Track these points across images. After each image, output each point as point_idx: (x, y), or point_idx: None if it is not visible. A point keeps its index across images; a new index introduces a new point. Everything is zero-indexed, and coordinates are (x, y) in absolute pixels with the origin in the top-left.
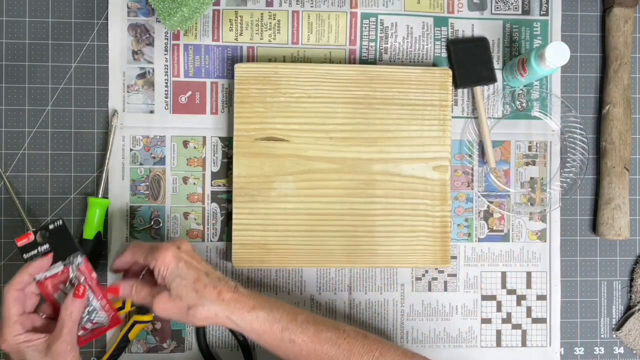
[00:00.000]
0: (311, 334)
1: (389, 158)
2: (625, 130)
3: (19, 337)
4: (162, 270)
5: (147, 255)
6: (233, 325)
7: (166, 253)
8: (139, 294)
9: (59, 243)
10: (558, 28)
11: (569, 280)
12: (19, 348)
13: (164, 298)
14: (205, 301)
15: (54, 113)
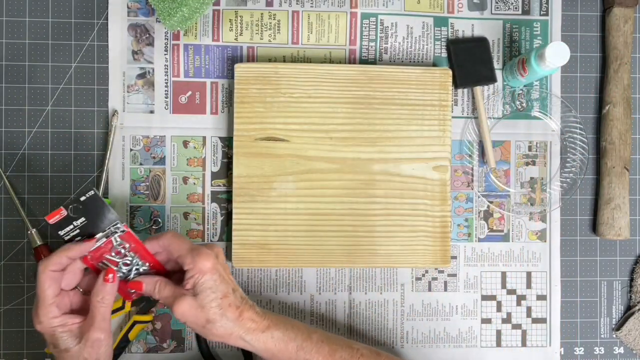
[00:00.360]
0: (326, 354)
1: (389, 158)
2: (625, 130)
3: (54, 320)
4: (197, 277)
5: (186, 255)
6: (245, 345)
7: (207, 261)
8: (161, 292)
9: (95, 214)
10: (558, 28)
11: (569, 280)
12: (53, 331)
13: (187, 304)
14: (225, 320)
15: (54, 113)
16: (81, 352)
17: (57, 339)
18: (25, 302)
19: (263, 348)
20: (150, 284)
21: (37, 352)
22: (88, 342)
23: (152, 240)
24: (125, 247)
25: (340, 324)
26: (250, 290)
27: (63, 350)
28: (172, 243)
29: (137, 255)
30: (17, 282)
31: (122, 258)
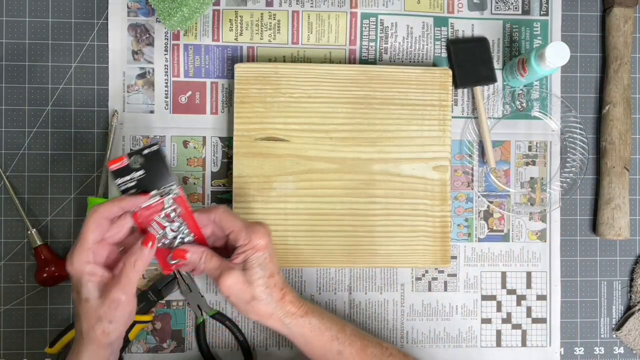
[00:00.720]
0: (358, 348)
1: (389, 158)
2: (625, 130)
3: (86, 266)
4: (250, 252)
5: (240, 231)
6: (283, 328)
7: (262, 239)
8: (207, 263)
9: (154, 170)
10: (558, 28)
11: (569, 280)
12: (81, 277)
13: (235, 277)
14: (269, 299)
15: (54, 113)
16: (99, 307)
17: (81, 286)
18: (25, 302)
19: (299, 333)
20: (196, 253)
21: (37, 352)
22: (107, 299)
23: (203, 212)
24: (176, 211)
25: None
26: None
27: (83, 300)
28: (225, 218)
29: (185, 224)
30: (17, 282)
31: (170, 223)
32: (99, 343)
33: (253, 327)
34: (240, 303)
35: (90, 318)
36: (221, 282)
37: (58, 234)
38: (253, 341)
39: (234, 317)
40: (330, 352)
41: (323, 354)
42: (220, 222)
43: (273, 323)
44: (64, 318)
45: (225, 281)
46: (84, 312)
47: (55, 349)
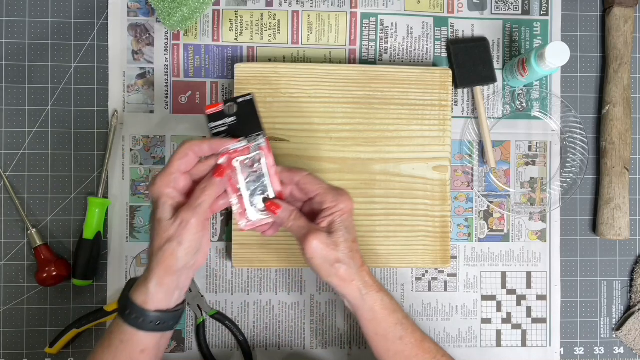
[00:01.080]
0: (418, 338)
1: (389, 158)
2: (625, 130)
3: (165, 189)
4: (338, 215)
5: (327, 193)
6: (358, 298)
7: (349, 202)
8: (296, 221)
9: (246, 118)
10: (558, 28)
11: (569, 280)
12: (159, 198)
13: (322, 237)
14: (352, 264)
15: (54, 113)
16: (169, 226)
17: (158, 206)
18: (25, 302)
19: (370, 307)
20: (287, 210)
21: (37, 352)
22: (178, 219)
23: (285, 171)
24: (260, 161)
25: (340, 323)
26: (250, 290)
27: (157, 220)
28: (310, 182)
29: (267, 176)
30: (17, 282)
31: (252, 172)
32: (166, 267)
33: (253, 327)
34: (324, 265)
35: (161, 238)
36: (308, 242)
37: (58, 234)
38: (253, 341)
39: (234, 317)
40: (392, 334)
41: (385, 335)
42: (305, 185)
43: (351, 291)
44: (64, 318)
45: (312, 241)
46: (157, 233)
47: (55, 349)
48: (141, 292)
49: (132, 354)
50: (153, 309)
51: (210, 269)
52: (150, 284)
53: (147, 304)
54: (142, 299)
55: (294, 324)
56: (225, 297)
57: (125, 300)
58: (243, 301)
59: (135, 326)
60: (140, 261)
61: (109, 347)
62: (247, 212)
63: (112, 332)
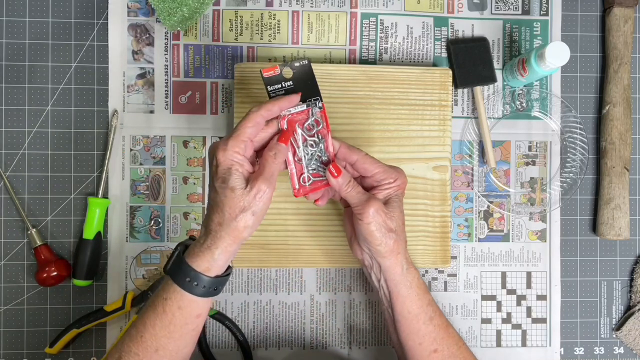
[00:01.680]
0: (444, 322)
1: (389, 158)
2: (625, 130)
3: (237, 156)
4: (394, 190)
5: (387, 171)
6: (398, 271)
7: (405, 179)
8: (355, 188)
9: (303, 83)
10: (558, 28)
11: (569, 280)
12: (231, 165)
13: (381, 205)
14: (402, 236)
15: (54, 113)
16: (244, 196)
17: (229, 174)
18: (25, 302)
19: (409, 284)
20: (346, 176)
21: (37, 352)
22: (253, 189)
23: (345, 147)
24: (318, 124)
25: (340, 323)
26: (250, 290)
27: (229, 188)
28: (368, 162)
29: (324, 141)
30: (17, 282)
31: (311, 136)
32: (236, 236)
33: (253, 327)
34: (378, 232)
35: (235, 207)
36: (367, 207)
37: (58, 234)
38: (253, 341)
39: (234, 317)
40: (424, 313)
41: (417, 313)
42: (363, 164)
43: (395, 263)
44: (64, 318)
45: (372, 208)
46: (229, 202)
47: (55, 349)
48: (205, 260)
49: (189, 318)
50: (214, 276)
51: None
52: (216, 251)
53: (210, 272)
54: (205, 266)
55: (294, 324)
56: (225, 297)
57: (185, 268)
58: (243, 301)
59: (196, 293)
60: (140, 261)
61: (164, 313)
62: (305, 176)
63: (167, 299)
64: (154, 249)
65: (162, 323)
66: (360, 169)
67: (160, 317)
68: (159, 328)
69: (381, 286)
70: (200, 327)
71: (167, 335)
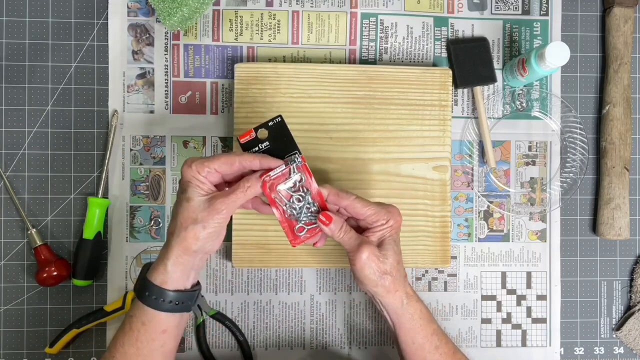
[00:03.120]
0: (451, 349)
1: (389, 158)
2: (625, 130)
3: (198, 175)
4: (387, 231)
5: (378, 212)
6: (399, 307)
7: (398, 218)
8: (347, 234)
9: (279, 140)
10: (558, 28)
11: (569, 280)
12: (190, 180)
13: (374, 250)
14: (398, 275)
15: (54, 113)
16: (199, 208)
17: (188, 186)
18: (25, 302)
19: (410, 316)
20: (338, 222)
21: (37, 352)
22: (210, 206)
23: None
24: (301, 180)
25: (340, 324)
26: (250, 290)
27: (186, 198)
28: (358, 205)
29: (309, 192)
30: (17, 282)
31: (295, 192)
32: (185, 247)
33: (253, 327)
34: (372, 276)
35: (187, 218)
36: (359, 253)
37: (58, 234)
38: (253, 341)
39: (234, 317)
40: (429, 343)
41: (422, 343)
42: (354, 209)
43: (394, 300)
44: (64, 318)
45: (363, 253)
46: (182, 211)
47: (55, 349)
48: (159, 272)
49: (154, 334)
50: (172, 289)
51: (210, 269)
52: (168, 263)
53: (165, 284)
54: (160, 278)
55: (294, 324)
56: (225, 297)
57: (144, 282)
58: (243, 301)
59: (156, 307)
60: (140, 261)
61: (130, 331)
62: (298, 227)
63: (132, 316)
64: (154, 249)
65: (130, 341)
66: (352, 212)
67: (127, 335)
68: (128, 346)
69: (384, 316)
70: (169, 344)
71: (135, 353)
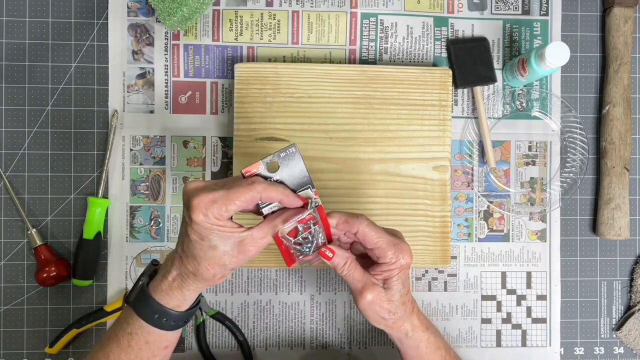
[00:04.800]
0: None
1: (389, 158)
2: (625, 130)
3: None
4: (395, 272)
5: (386, 248)
6: (403, 338)
7: (408, 258)
8: (351, 272)
9: (291, 174)
10: (558, 28)
11: (569, 280)
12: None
13: (379, 293)
14: (402, 312)
15: (54, 113)
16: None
17: (211, 235)
18: (25, 302)
19: (415, 345)
20: (342, 257)
21: (37, 352)
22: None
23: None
24: (314, 219)
25: (340, 324)
26: (250, 290)
27: (210, 246)
28: (369, 233)
29: (321, 230)
30: (17, 282)
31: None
32: (211, 284)
33: (253, 327)
34: (375, 316)
35: (214, 265)
36: (364, 295)
37: (58, 234)
38: (253, 341)
39: (234, 317)
40: None
41: None
42: (363, 236)
43: (397, 333)
44: (64, 318)
45: (368, 296)
46: (208, 259)
47: (55, 349)
48: (175, 299)
49: (157, 351)
50: (184, 310)
51: None
52: (187, 293)
53: (180, 308)
54: (175, 304)
55: (294, 324)
56: (225, 297)
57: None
58: (243, 301)
59: (165, 328)
60: (140, 261)
61: (129, 348)
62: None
63: (133, 334)
64: (154, 249)
65: (128, 357)
66: (361, 239)
67: (125, 351)
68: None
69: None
70: (168, 356)
71: None
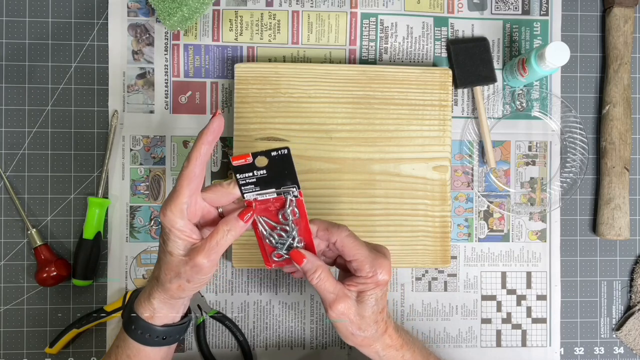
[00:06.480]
0: None
1: (389, 158)
2: (625, 130)
3: (178, 221)
4: (370, 287)
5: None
6: (375, 357)
7: (387, 275)
8: (322, 281)
9: (279, 171)
10: (558, 28)
11: (569, 280)
12: (169, 231)
13: (350, 304)
14: (373, 332)
15: (54, 113)
16: (180, 266)
17: (168, 238)
18: (25, 302)
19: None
20: (313, 264)
21: (37, 352)
22: (191, 262)
23: (322, 229)
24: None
25: None
26: (250, 290)
27: (167, 252)
28: (348, 244)
29: (297, 229)
30: (17, 282)
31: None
32: (171, 295)
33: (253, 327)
34: (344, 330)
35: (169, 271)
36: (334, 306)
37: (58, 234)
38: (253, 341)
39: (234, 317)
40: None
41: None
42: (343, 247)
43: (369, 351)
44: (64, 318)
45: (338, 307)
46: (165, 264)
47: (55, 349)
48: (145, 308)
49: None
50: (159, 324)
51: None
52: (154, 301)
53: (153, 320)
54: (147, 314)
55: (294, 324)
56: (225, 297)
57: (131, 315)
58: (243, 301)
59: (142, 342)
60: (140, 261)
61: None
62: (273, 255)
63: (119, 347)
64: (154, 249)
65: None
66: (341, 250)
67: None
68: None
69: None
70: None
71: None
